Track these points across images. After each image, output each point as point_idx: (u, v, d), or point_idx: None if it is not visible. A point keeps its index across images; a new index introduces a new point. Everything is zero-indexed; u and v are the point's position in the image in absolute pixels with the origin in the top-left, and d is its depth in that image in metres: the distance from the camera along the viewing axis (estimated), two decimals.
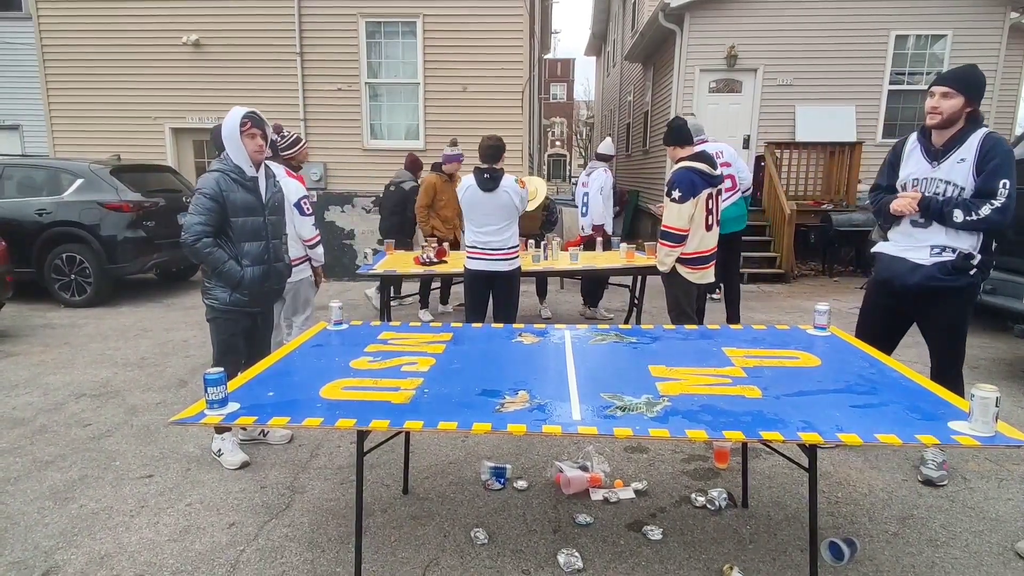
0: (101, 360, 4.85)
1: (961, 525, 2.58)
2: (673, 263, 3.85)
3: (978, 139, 2.60)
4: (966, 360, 4.71)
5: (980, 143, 2.59)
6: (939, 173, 2.68)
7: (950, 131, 2.65)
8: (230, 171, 2.90)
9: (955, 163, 2.64)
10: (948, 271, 2.69)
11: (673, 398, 2.03)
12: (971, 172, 2.59)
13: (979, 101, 2.62)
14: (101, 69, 9.02)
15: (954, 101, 2.59)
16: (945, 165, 2.67)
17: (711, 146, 5.32)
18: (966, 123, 2.63)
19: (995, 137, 2.61)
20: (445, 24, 8.69)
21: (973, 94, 2.60)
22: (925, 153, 2.75)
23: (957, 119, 2.62)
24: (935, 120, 2.64)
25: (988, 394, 1.71)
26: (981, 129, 2.63)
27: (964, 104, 2.59)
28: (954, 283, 2.69)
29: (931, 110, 2.64)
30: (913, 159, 2.80)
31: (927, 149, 2.74)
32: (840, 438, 1.73)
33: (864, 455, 3.19)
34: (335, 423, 1.86)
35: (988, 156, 2.56)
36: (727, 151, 5.34)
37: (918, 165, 2.76)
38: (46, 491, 2.87)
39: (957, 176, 2.63)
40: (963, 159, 2.62)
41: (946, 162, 2.66)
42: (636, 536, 2.50)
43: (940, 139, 2.68)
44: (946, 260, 2.68)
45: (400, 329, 2.95)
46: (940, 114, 2.61)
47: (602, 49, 23.01)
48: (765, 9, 9.36)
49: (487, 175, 3.84)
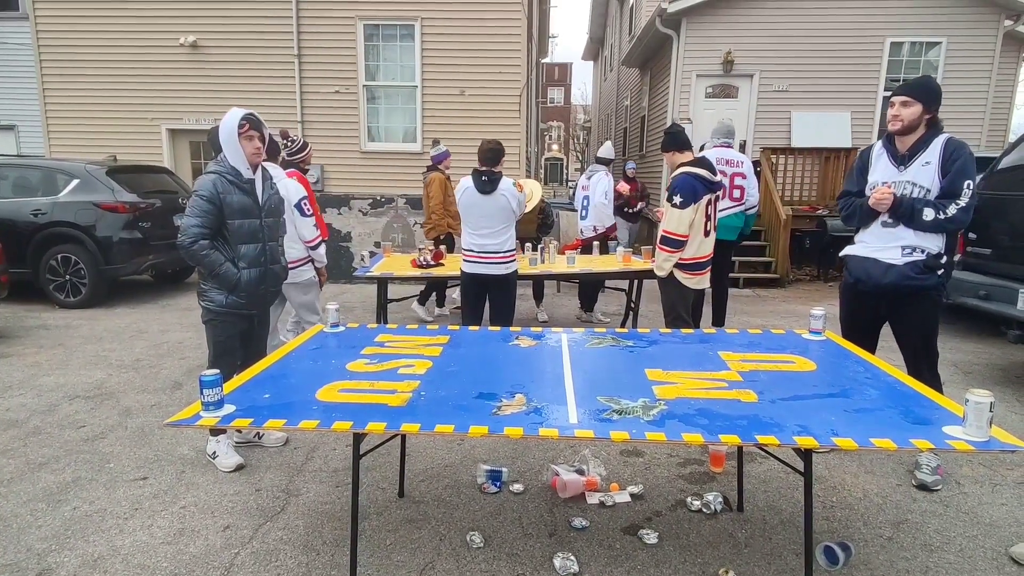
0: (96, 361, 4.83)
1: (955, 530, 2.59)
2: (671, 268, 3.85)
3: (941, 143, 2.75)
4: (960, 365, 4.76)
5: (943, 147, 2.74)
6: (906, 176, 2.81)
7: (913, 137, 2.80)
8: (227, 173, 2.90)
9: (920, 166, 2.78)
10: (920, 270, 2.79)
11: (670, 402, 2.04)
12: (936, 174, 2.74)
13: (936, 108, 2.78)
14: (98, 69, 9.00)
15: (913, 109, 2.74)
16: (911, 169, 2.80)
17: (733, 154, 5.32)
18: (927, 129, 2.78)
19: (956, 141, 2.76)
20: (443, 28, 8.71)
21: (930, 101, 2.75)
22: (892, 158, 2.88)
23: (917, 125, 2.77)
24: (897, 126, 2.80)
25: (982, 399, 1.72)
26: (943, 135, 2.78)
27: (923, 111, 2.74)
28: (925, 282, 2.80)
29: (892, 118, 2.81)
30: (880, 164, 2.92)
31: (893, 154, 2.88)
32: (835, 442, 1.73)
33: (859, 459, 3.20)
34: (331, 426, 1.85)
35: (952, 158, 2.71)
36: (747, 164, 5.34)
37: (886, 170, 2.89)
38: (39, 493, 2.85)
39: (923, 178, 2.77)
40: (928, 162, 2.76)
41: (912, 166, 2.80)
42: (632, 540, 2.50)
43: (904, 145, 2.83)
44: (917, 260, 2.80)
45: (397, 332, 2.95)
46: (901, 121, 2.77)
47: (599, 53, 23.09)
48: (761, 15, 9.41)
49: (485, 177, 3.85)
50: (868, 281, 2.92)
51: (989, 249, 4.33)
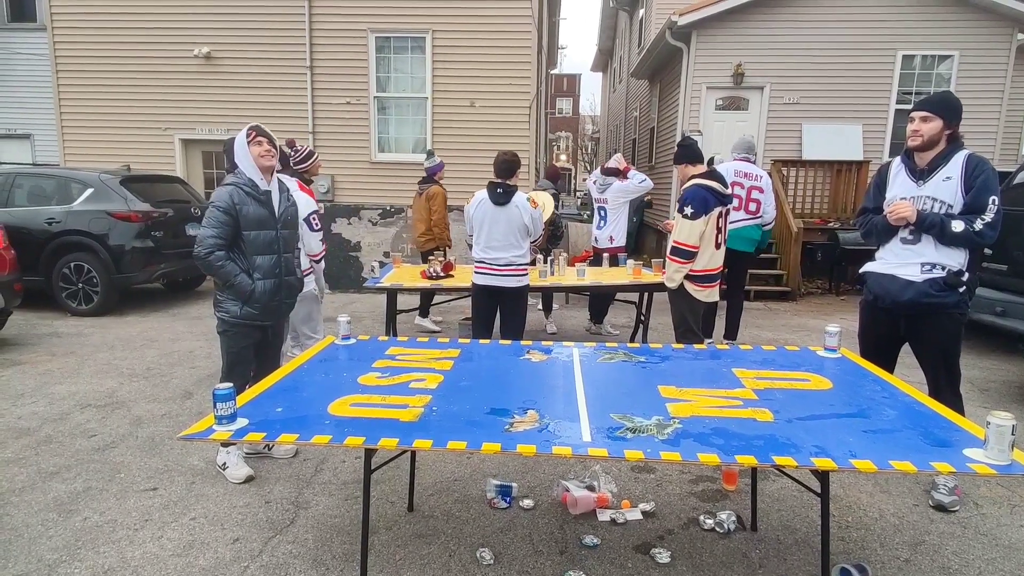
0: (107, 370, 4.86)
1: (974, 552, 2.55)
2: (681, 280, 3.85)
3: (963, 158, 2.71)
4: (976, 383, 4.70)
5: (965, 162, 2.70)
6: (925, 191, 2.77)
7: (932, 152, 2.76)
8: (244, 185, 2.92)
9: (941, 181, 2.73)
10: (940, 287, 2.73)
11: (684, 420, 2.02)
12: (959, 189, 2.69)
13: (957, 123, 2.74)
14: (113, 80, 9.12)
15: (933, 124, 2.70)
16: (931, 184, 2.76)
17: (752, 168, 5.33)
18: (947, 144, 2.74)
19: (978, 157, 2.72)
20: (454, 40, 8.77)
21: (950, 116, 2.71)
22: (910, 173, 2.84)
23: (938, 141, 2.73)
24: (917, 142, 2.76)
25: (1004, 422, 1.69)
26: (964, 150, 2.74)
27: (943, 126, 2.71)
28: (946, 299, 2.74)
29: (912, 133, 2.77)
30: (899, 180, 2.88)
31: (912, 170, 2.84)
32: (854, 464, 1.71)
33: (874, 479, 3.16)
34: (343, 441, 1.85)
35: (975, 174, 2.67)
36: (765, 179, 5.36)
37: (904, 185, 2.85)
38: (50, 503, 2.86)
39: (944, 194, 2.72)
40: (949, 177, 2.72)
41: (932, 181, 2.76)
42: (644, 559, 2.47)
43: (923, 160, 2.79)
44: (937, 277, 2.74)
45: (408, 344, 2.95)
46: (921, 136, 2.74)
47: (608, 65, 23.18)
48: (772, 27, 9.41)
49: (500, 190, 3.88)
50: (886, 298, 2.87)
51: (1005, 265, 4.28)
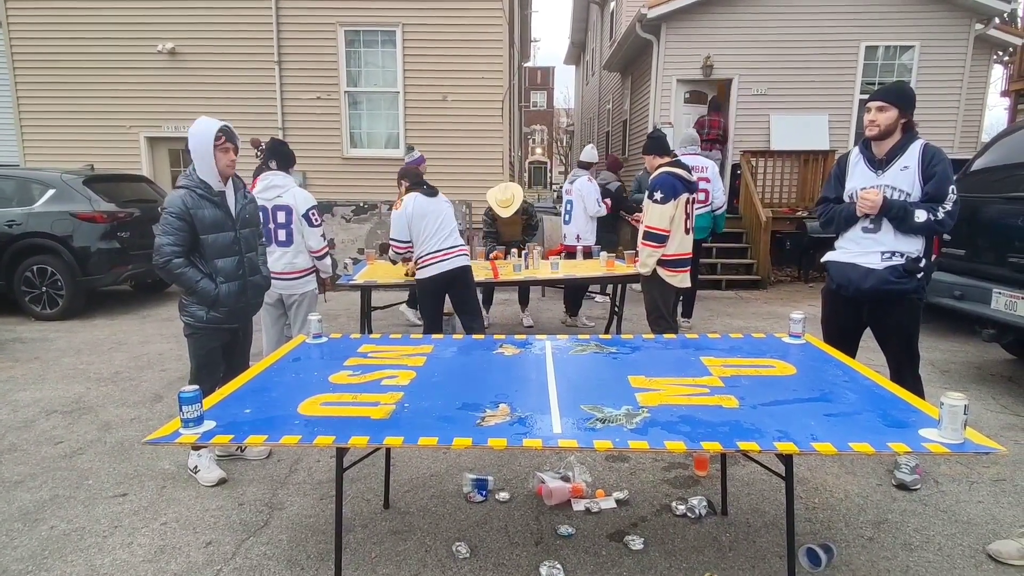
0: (73, 375, 4.75)
1: (934, 528, 2.64)
2: (655, 265, 3.95)
3: (919, 148, 2.80)
4: (937, 364, 4.85)
5: (922, 152, 2.79)
6: (884, 180, 2.85)
7: (889, 142, 2.84)
8: (196, 187, 2.87)
9: (899, 170, 2.81)
10: (900, 274, 2.82)
11: (652, 409, 2.05)
12: (916, 178, 2.78)
13: (911, 112, 2.82)
14: (74, 77, 8.86)
15: (889, 113, 2.78)
16: (889, 173, 2.84)
17: (698, 160, 5.67)
18: (903, 133, 2.82)
19: (934, 147, 2.81)
20: (425, 34, 8.70)
21: (906, 106, 2.79)
22: (869, 163, 2.92)
23: (894, 130, 2.81)
24: (874, 131, 2.83)
25: (956, 402, 1.75)
26: (919, 140, 2.82)
27: (898, 115, 2.78)
28: (906, 286, 2.84)
29: (869, 123, 2.84)
30: (858, 170, 2.96)
31: (870, 160, 2.92)
32: (815, 447, 1.76)
33: (840, 460, 3.25)
34: (313, 441, 1.84)
35: (932, 163, 2.75)
36: (711, 169, 5.85)
37: (863, 175, 2.93)
38: (15, 512, 2.79)
39: (902, 182, 2.80)
40: (906, 167, 2.80)
41: (890, 170, 2.84)
42: (618, 546, 2.51)
43: (881, 150, 2.87)
44: (896, 264, 2.83)
45: (380, 341, 2.94)
46: (878, 126, 2.81)
47: (581, 58, 23.21)
48: (739, 21, 9.53)
49: (426, 186, 4.20)
50: (849, 286, 2.95)
51: (963, 250, 4.41)
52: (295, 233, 3.84)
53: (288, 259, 3.83)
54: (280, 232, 3.83)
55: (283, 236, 3.83)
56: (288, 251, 3.84)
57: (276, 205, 3.80)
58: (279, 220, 3.82)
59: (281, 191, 3.82)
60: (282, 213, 3.82)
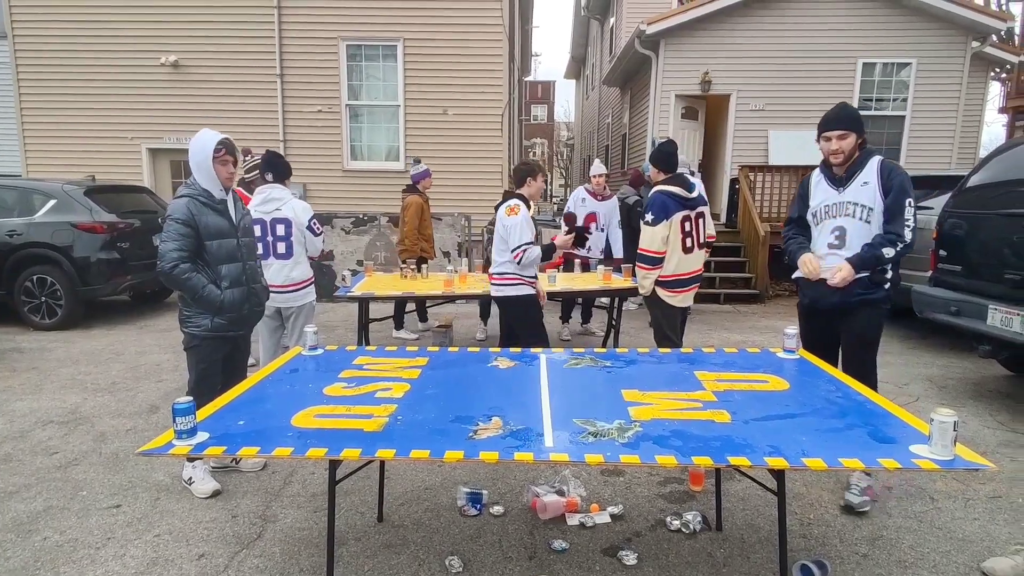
0: (70, 385, 4.75)
1: (929, 545, 2.63)
2: (652, 286, 3.89)
3: (876, 164, 2.92)
4: (934, 380, 4.85)
5: (879, 168, 2.91)
6: (846, 196, 2.96)
7: (848, 161, 2.96)
8: (199, 195, 2.90)
9: (859, 186, 2.93)
10: (867, 286, 2.94)
11: (644, 423, 2.05)
12: (877, 192, 2.89)
13: (864, 132, 2.95)
14: (77, 89, 8.95)
15: (850, 139, 2.91)
16: (850, 189, 2.95)
17: None
18: (860, 152, 2.95)
19: (891, 162, 2.96)
20: (426, 48, 8.80)
21: (860, 129, 2.92)
22: (830, 182, 3.04)
23: (854, 152, 2.94)
24: (839, 159, 2.95)
25: (946, 418, 1.76)
26: (875, 156, 2.95)
27: (856, 138, 2.91)
28: (874, 295, 2.95)
29: (834, 152, 2.94)
30: (820, 189, 3.08)
31: (831, 178, 3.04)
32: (805, 463, 1.76)
33: (835, 476, 3.24)
34: (305, 453, 1.84)
35: (891, 177, 2.88)
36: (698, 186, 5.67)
37: (826, 193, 3.05)
38: (9, 523, 2.79)
39: (864, 198, 2.91)
40: (867, 182, 2.92)
41: (851, 187, 2.95)
42: (611, 561, 2.50)
43: (841, 168, 2.99)
44: (862, 277, 2.93)
45: (376, 354, 2.94)
46: (843, 153, 2.92)
47: (581, 72, 23.42)
48: (738, 37, 9.63)
49: (502, 200, 4.00)
50: (821, 300, 3.06)
51: (959, 266, 4.43)
52: (295, 245, 3.86)
53: (287, 272, 3.85)
54: (279, 245, 3.85)
55: (283, 249, 3.85)
56: (287, 264, 3.86)
57: (275, 218, 3.82)
58: (278, 233, 3.84)
59: (280, 203, 3.84)
60: (281, 226, 3.84)
